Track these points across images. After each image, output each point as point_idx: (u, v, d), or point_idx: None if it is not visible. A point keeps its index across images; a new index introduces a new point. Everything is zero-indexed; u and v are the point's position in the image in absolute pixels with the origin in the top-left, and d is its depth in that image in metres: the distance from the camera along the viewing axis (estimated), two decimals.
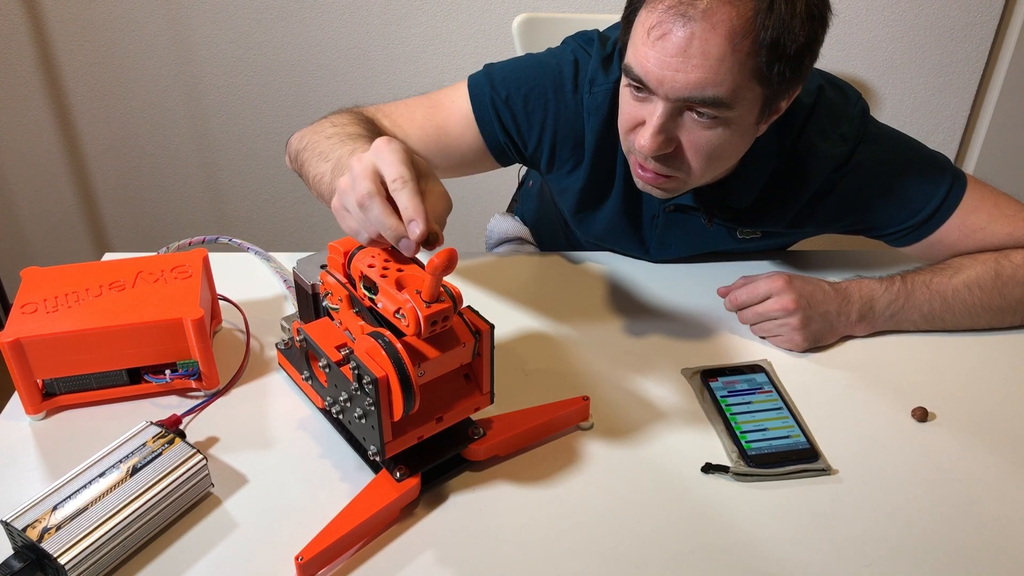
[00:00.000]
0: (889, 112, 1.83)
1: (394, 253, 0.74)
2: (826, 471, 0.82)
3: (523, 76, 1.01)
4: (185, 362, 0.87)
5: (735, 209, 1.02)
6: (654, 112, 0.85)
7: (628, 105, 0.89)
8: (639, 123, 0.88)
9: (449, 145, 1.03)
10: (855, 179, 0.99)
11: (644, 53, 0.82)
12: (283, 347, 0.90)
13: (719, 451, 0.84)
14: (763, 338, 0.99)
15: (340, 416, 0.76)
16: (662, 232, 1.07)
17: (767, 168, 0.97)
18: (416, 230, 0.65)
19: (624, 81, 0.88)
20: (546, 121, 1.01)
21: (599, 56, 0.99)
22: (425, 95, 1.05)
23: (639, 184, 0.95)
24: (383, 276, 0.71)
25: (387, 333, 0.69)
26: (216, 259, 1.04)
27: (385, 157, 0.67)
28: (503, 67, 1.02)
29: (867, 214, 1.02)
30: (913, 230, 1.02)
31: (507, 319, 1.01)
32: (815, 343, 0.97)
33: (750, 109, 0.85)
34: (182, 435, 0.80)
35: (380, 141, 0.68)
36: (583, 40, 1.03)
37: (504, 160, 1.06)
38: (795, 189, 0.99)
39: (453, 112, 1.02)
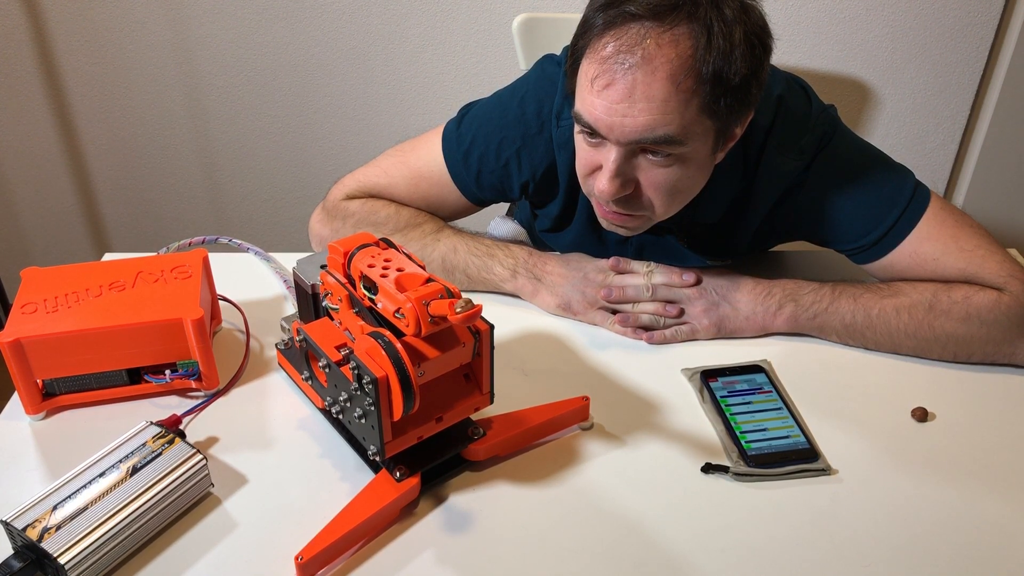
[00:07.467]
0: (889, 112, 1.82)
1: (396, 255, 0.74)
2: (826, 471, 0.82)
3: (491, 131, 1.02)
4: (185, 362, 0.87)
5: (703, 224, 1.01)
6: (609, 156, 0.86)
7: (583, 151, 0.90)
8: (596, 167, 0.89)
9: (442, 207, 1.09)
10: (808, 190, 0.97)
11: (591, 102, 0.83)
12: (283, 347, 0.90)
13: (719, 451, 0.84)
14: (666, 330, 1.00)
15: (340, 416, 0.76)
16: (636, 253, 1.06)
17: (733, 188, 0.97)
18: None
19: (577, 128, 0.89)
20: (522, 169, 1.03)
21: (564, 86, 0.98)
22: (401, 160, 1.08)
23: (604, 224, 0.96)
24: (383, 276, 0.71)
25: (387, 333, 0.69)
26: (216, 259, 1.04)
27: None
28: (470, 124, 1.04)
29: (818, 226, 1.00)
30: (863, 250, 0.99)
31: (507, 319, 1.01)
32: (723, 330, 0.99)
33: (703, 142, 0.85)
34: (182, 435, 0.80)
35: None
36: (551, 68, 1.02)
37: (498, 202, 1.10)
38: (756, 204, 0.99)
39: (434, 182, 1.06)
